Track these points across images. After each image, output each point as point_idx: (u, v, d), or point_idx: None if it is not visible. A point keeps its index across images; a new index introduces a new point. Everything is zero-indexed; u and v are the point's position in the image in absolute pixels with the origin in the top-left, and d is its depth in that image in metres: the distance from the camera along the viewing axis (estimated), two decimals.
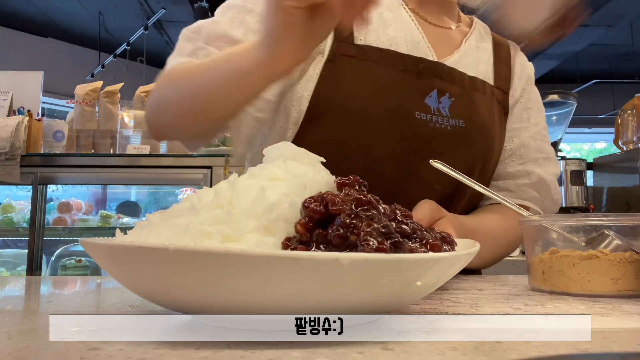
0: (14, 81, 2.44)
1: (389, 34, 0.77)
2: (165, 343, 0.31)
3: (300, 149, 0.43)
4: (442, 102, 0.77)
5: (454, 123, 0.77)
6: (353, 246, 0.34)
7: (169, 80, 0.73)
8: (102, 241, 0.35)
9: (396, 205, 0.40)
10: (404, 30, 0.79)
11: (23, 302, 0.52)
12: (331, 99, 0.73)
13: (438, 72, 0.78)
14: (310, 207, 0.36)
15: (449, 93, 0.78)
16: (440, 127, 0.75)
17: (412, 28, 0.80)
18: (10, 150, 2.04)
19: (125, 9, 5.76)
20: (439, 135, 0.75)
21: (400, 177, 0.74)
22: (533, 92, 0.91)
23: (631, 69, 6.73)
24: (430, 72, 0.77)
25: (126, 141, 2.35)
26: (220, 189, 0.38)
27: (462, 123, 0.77)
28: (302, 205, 0.37)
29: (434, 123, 0.75)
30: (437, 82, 0.77)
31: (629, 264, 0.51)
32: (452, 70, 0.79)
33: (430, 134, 0.75)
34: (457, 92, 0.79)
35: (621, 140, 2.61)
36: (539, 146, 0.87)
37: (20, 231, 2.40)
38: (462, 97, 0.79)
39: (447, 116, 0.77)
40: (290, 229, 0.37)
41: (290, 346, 0.30)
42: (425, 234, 0.38)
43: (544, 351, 0.29)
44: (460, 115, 0.78)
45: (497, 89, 0.85)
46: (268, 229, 0.36)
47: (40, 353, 0.29)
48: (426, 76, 0.76)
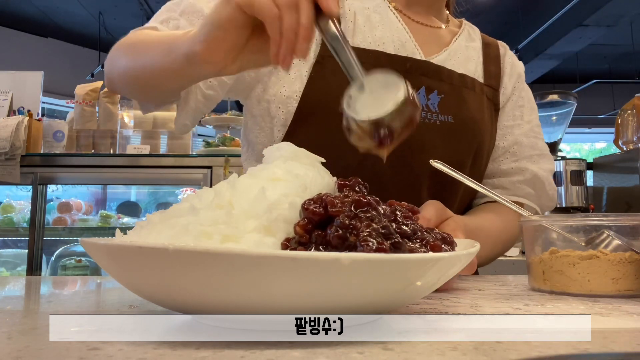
0: (14, 81, 2.44)
1: (375, 35, 0.79)
2: (165, 343, 0.31)
3: (301, 149, 0.43)
4: (430, 99, 0.79)
5: (443, 119, 0.79)
6: (352, 247, 0.34)
7: (125, 42, 0.72)
8: (102, 241, 0.35)
9: (397, 206, 0.40)
10: (390, 31, 0.81)
11: (23, 302, 0.52)
12: (319, 99, 0.74)
13: (425, 70, 0.80)
14: (309, 208, 0.36)
15: (437, 90, 0.79)
16: (430, 122, 0.77)
17: (399, 28, 0.82)
18: (10, 150, 2.04)
19: (125, 9, 5.76)
20: (429, 130, 0.77)
21: (393, 172, 0.75)
22: (524, 89, 0.92)
23: (631, 69, 6.73)
24: (418, 70, 0.79)
25: (126, 141, 2.35)
26: (220, 189, 0.38)
27: (450, 119, 0.79)
28: (301, 207, 0.37)
29: (423, 118, 0.77)
30: (425, 80, 0.79)
31: (629, 264, 0.51)
32: (439, 68, 0.81)
33: (421, 129, 0.76)
34: (445, 89, 0.80)
35: (621, 140, 2.61)
36: (532, 143, 0.88)
37: (20, 231, 2.40)
38: (451, 94, 0.80)
39: (437, 112, 0.78)
40: (290, 229, 0.37)
41: (290, 346, 0.30)
42: (425, 234, 0.38)
43: (544, 351, 0.29)
44: (449, 111, 0.79)
45: (487, 86, 0.87)
46: (268, 230, 0.36)
47: (40, 353, 0.29)
48: (414, 74, 0.78)
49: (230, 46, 0.51)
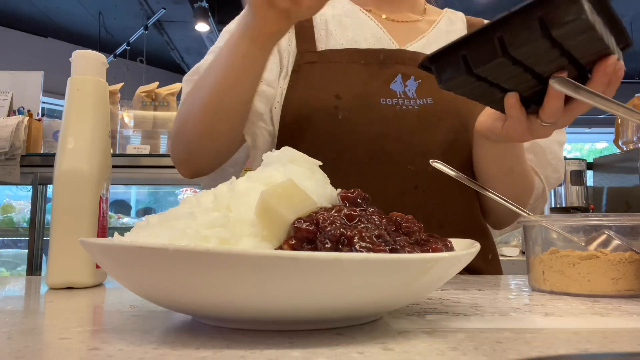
0: (14, 81, 2.44)
1: (348, 36, 0.82)
2: (165, 343, 0.31)
3: (299, 153, 0.43)
4: (408, 86, 0.80)
5: (422, 102, 0.79)
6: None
7: (186, 104, 0.77)
8: (102, 241, 0.35)
9: (399, 218, 0.39)
10: (363, 30, 0.84)
11: (23, 302, 0.52)
12: (299, 102, 0.78)
13: (400, 59, 0.81)
14: (302, 227, 0.34)
15: (415, 76, 0.81)
16: (407, 109, 0.79)
17: (372, 26, 0.85)
18: (10, 150, 2.04)
19: (125, 9, 5.77)
20: (405, 117, 0.78)
21: (371, 161, 0.76)
22: None
23: (631, 69, 6.73)
24: (392, 59, 0.81)
25: (126, 141, 2.35)
26: (220, 192, 0.38)
27: (430, 100, 0.80)
28: (292, 227, 0.35)
29: (400, 106, 0.78)
30: (400, 68, 0.81)
31: (629, 264, 0.51)
32: (415, 54, 0.82)
33: (397, 117, 0.78)
34: (423, 74, 0.80)
35: (621, 140, 2.61)
36: None
37: (20, 231, 2.40)
38: (429, 78, 0.80)
39: (414, 97, 0.80)
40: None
41: (290, 346, 0.30)
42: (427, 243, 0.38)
43: (544, 351, 0.29)
44: (427, 93, 0.80)
45: None
46: (264, 234, 0.36)
47: (40, 353, 0.29)
48: (388, 64, 0.80)
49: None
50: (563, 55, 0.49)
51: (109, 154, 0.62)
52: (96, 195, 0.59)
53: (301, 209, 0.35)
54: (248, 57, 0.66)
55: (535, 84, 0.54)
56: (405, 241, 0.36)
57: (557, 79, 0.50)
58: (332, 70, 0.79)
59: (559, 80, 0.50)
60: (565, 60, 0.49)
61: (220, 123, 0.73)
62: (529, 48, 0.47)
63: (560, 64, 0.50)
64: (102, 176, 0.60)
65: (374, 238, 0.34)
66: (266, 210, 0.35)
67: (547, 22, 0.45)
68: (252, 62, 0.67)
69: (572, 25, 0.44)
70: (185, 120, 0.76)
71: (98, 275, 0.58)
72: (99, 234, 0.59)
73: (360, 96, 0.77)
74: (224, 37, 0.84)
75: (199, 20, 5.28)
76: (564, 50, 0.48)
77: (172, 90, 2.47)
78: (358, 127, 0.76)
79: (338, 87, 0.78)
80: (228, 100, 0.70)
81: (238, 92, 0.70)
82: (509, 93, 0.55)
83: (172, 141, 0.81)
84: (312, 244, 0.34)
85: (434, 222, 0.76)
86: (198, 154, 0.77)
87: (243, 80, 0.69)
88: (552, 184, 0.87)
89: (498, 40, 0.48)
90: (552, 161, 0.84)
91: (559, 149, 0.85)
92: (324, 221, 0.34)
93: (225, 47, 0.69)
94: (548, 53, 0.48)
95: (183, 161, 0.81)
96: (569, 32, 0.45)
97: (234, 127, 0.75)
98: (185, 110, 0.77)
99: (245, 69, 0.67)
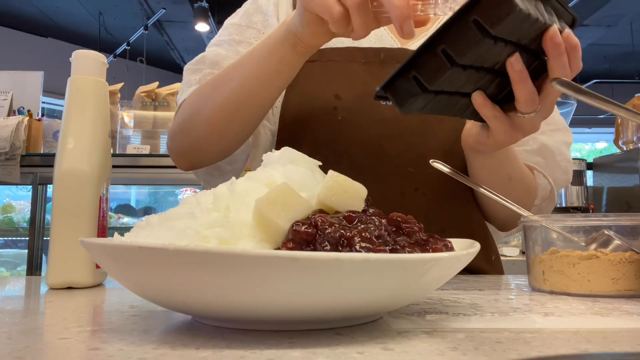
0: (14, 81, 2.44)
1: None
2: (165, 343, 0.31)
3: (299, 154, 0.43)
4: None
5: None
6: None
7: (202, 96, 0.75)
8: (102, 241, 0.35)
9: (399, 219, 0.39)
10: None
11: (23, 302, 0.52)
12: (299, 102, 0.77)
13: (402, 58, 0.80)
14: (301, 230, 0.34)
15: None
16: None
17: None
18: (10, 150, 2.04)
19: (125, 9, 5.76)
20: (406, 117, 0.77)
21: (372, 162, 0.76)
22: None
23: (631, 69, 6.73)
24: (393, 58, 0.80)
25: (126, 141, 2.35)
26: (220, 193, 0.38)
27: None
28: (290, 230, 0.35)
29: None
30: None
31: (629, 264, 0.51)
32: None
33: (398, 117, 0.77)
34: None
35: (621, 140, 2.61)
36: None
37: (20, 231, 2.40)
38: None
39: None
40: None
41: (290, 346, 0.30)
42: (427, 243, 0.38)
43: (544, 351, 0.29)
44: None
45: None
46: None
47: (40, 353, 0.29)
48: (389, 63, 0.79)
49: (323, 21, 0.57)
50: (508, 44, 0.48)
51: (109, 154, 0.62)
52: (96, 196, 0.59)
53: (297, 214, 0.35)
54: (285, 61, 0.66)
55: (492, 78, 0.53)
56: (406, 241, 0.36)
57: (558, 80, 0.50)
58: (331, 69, 0.79)
59: (559, 81, 0.50)
60: (512, 47, 0.49)
61: (237, 121, 0.72)
62: (474, 52, 0.47)
63: (509, 51, 0.50)
64: (102, 176, 0.60)
65: (374, 238, 0.34)
66: (261, 218, 0.35)
67: (484, 22, 0.45)
68: (287, 67, 0.67)
69: (508, 19, 0.44)
70: (197, 112, 0.74)
71: (98, 275, 0.58)
72: (99, 234, 0.59)
73: (359, 97, 0.77)
74: (228, 29, 0.83)
75: (199, 20, 5.29)
76: (507, 40, 0.48)
77: (172, 90, 2.47)
78: (357, 128, 0.76)
79: (337, 87, 0.78)
80: (252, 100, 0.70)
81: (265, 95, 0.70)
82: (473, 95, 0.55)
83: (176, 132, 0.79)
84: (311, 246, 0.34)
85: (435, 225, 0.75)
86: (202, 149, 0.77)
87: (273, 83, 0.69)
88: (560, 186, 0.86)
89: (442, 53, 0.47)
90: (561, 163, 0.83)
91: (566, 150, 0.84)
92: (323, 223, 0.34)
93: (259, 48, 0.68)
94: (494, 49, 0.48)
95: (184, 153, 0.80)
96: (507, 26, 0.45)
97: (249, 127, 0.75)
98: (199, 103, 0.75)
99: (279, 72, 0.67)
